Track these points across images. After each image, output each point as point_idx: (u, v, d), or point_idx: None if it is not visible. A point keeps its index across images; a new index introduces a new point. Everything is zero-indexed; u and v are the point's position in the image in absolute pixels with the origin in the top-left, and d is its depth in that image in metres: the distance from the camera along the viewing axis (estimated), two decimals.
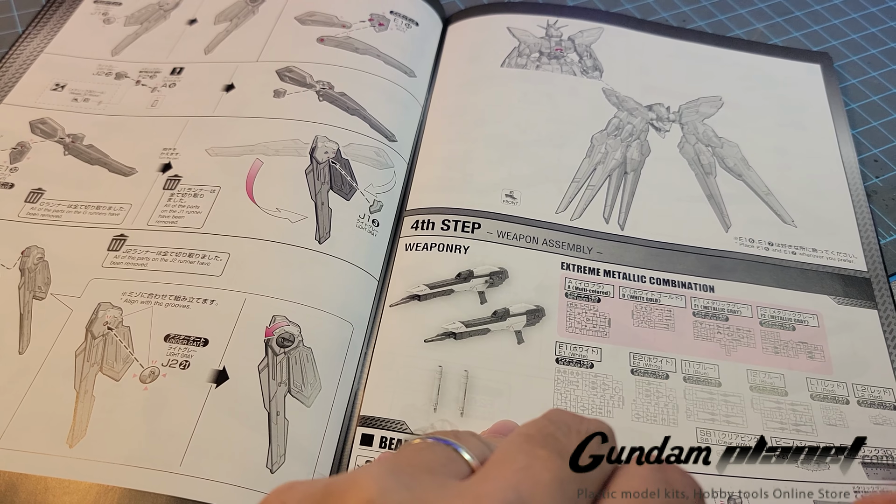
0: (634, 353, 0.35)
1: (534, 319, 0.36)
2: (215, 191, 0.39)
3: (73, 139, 0.43)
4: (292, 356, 0.33)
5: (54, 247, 0.38)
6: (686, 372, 0.35)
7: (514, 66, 0.48)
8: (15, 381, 0.33)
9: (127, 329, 0.34)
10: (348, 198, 0.39)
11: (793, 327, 0.37)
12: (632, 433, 0.33)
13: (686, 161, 0.44)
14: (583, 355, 0.35)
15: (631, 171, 0.43)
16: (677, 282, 0.38)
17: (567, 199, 0.41)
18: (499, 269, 0.38)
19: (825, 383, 0.35)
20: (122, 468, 0.30)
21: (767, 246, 0.40)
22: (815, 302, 0.38)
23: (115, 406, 0.32)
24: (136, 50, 0.48)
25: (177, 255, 0.36)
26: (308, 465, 0.31)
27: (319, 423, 0.32)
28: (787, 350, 0.36)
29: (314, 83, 0.44)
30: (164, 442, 0.30)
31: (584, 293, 0.37)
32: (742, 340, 0.36)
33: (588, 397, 0.34)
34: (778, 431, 0.33)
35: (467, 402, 0.33)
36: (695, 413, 0.34)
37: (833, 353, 0.36)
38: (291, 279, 0.35)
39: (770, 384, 0.35)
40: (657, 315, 0.37)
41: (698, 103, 0.47)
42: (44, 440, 0.31)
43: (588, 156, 0.43)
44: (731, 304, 0.38)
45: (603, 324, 0.36)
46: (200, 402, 0.31)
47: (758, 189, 0.43)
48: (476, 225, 0.39)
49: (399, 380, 0.34)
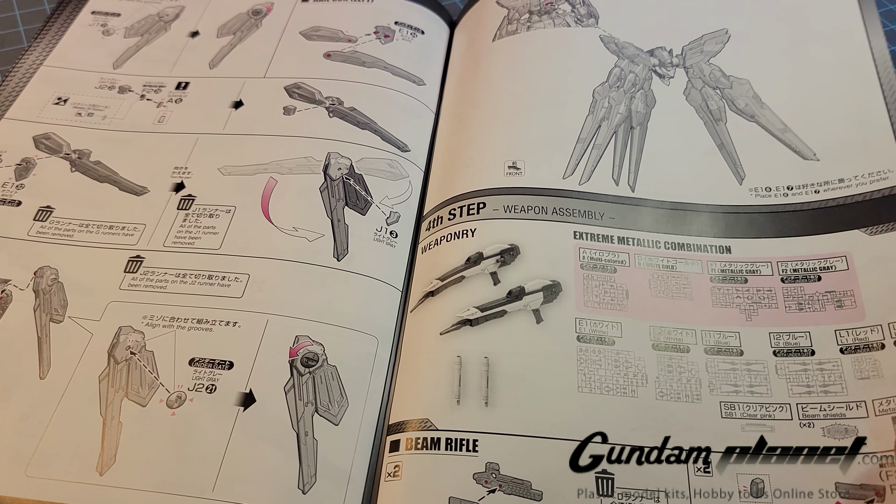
0: (654, 326, 0.34)
1: (551, 296, 0.35)
2: (231, 211, 0.39)
3: (80, 155, 0.42)
4: (317, 375, 0.33)
5: (68, 268, 0.37)
6: (707, 343, 0.34)
7: (505, 35, 0.46)
8: (38, 407, 0.33)
9: (150, 353, 0.34)
10: (364, 212, 0.39)
11: (818, 277, 0.35)
12: (657, 413, 0.32)
13: (693, 109, 0.41)
14: (604, 331, 0.34)
15: (637, 126, 0.41)
16: (692, 245, 0.37)
17: (573, 163, 0.39)
18: (509, 245, 0.36)
19: (856, 332, 0.33)
20: (155, 496, 0.30)
21: (786, 192, 0.38)
22: (842, 242, 0.35)
23: (143, 432, 0.32)
24: (137, 63, 0.47)
25: (196, 278, 0.36)
26: (340, 482, 0.31)
27: (349, 440, 0.32)
28: (812, 304, 0.34)
29: (323, 99, 0.44)
30: (196, 467, 0.31)
31: (599, 263, 0.36)
32: (762, 302, 0.35)
33: (612, 377, 0.33)
34: (805, 396, 0.32)
35: (490, 391, 0.32)
36: (718, 386, 0.32)
37: (865, 294, 0.34)
38: (312, 298, 0.36)
39: (795, 345, 0.33)
40: (674, 283, 0.35)
41: (702, 42, 0.44)
42: (73, 468, 0.31)
43: (591, 112, 0.41)
44: (750, 263, 0.36)
45: (621, 296, 0.35)
46: (229, 426, 0.32)
47: (773, 128, 0.40)
48: (481, 205, 0.38)
49: (419, 379, 0.34)
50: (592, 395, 0.32)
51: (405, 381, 0.34)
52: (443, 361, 0.33)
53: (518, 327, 0.34)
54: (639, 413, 0.32)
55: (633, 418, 0.32)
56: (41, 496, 0.30)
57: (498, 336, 0.34)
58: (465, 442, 0.31)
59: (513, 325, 0.34)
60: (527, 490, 0.30)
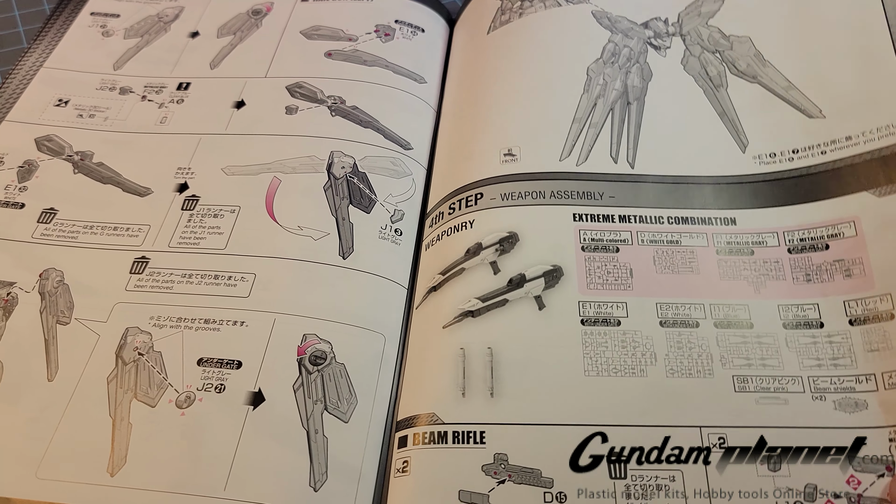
0: (661, 303, 0.34)
1: (552, 281, 0.34)
2: (235, 210, 0.39)
3: (82, 157, 0.42)
4: (326, 373, 0.34)
5: (73, 270, 0.37)
6: (716, 317, 0.33)
7: (499, 26, 0.45)
8: (47, 409, 0.33)
9: (158, 354, 0.34)
10: (368, 211, 0.39)
11: (825, 246, 0.34)
12: (668, 392, 0.31)
13: (692, 78, 0.40)
14: (608, 312, 0.33)
15: (634, 101, 0.40)
16: (696, 218, 0.36)
17: (570, 143, 0.38)
18: (508, 233, 0.35)
19: (865, 302, 0.32)
20: (167, 496, 0.30)
21: (791, 156, 0.37)
22: (851, 206, 0.34)
23: (153, 433, 0.32)
24: (138, 64, 0.47)
25: (202, 278, 0.36)
26: (351, 479, 0.31)
27: (359, 437, 0.32)
28: (820, 274, 0.34)
29: (325, 98, 0.44)
30: (207, 467, 0.31)
31: (600, 244, 0.35)
32: (770, 274, 0.34)
33: (619, 358, 0.32)
34: (815, 369, 0.31)
35: (495, 382, 0.32)
36: (729, 360, 0.32)
37: (875, 261, 0.33)
38: (319, 297, 0.36)
39: (804, 318, 0.33)
40: (680, 258, 0.35)
41: (699, 3, 0.43)
42: (84, 469, 0.31)
43: (586, 91, 0.40)
44: (756, 234, 0.35)
45: (625, 275, 0.34)
46: (239, 426, 0.32)
47: (777, 87, 0.39)
48: (478, 195, 0.37)
49: (425, 374, 0.34)
50: (600, 378, 0.32)
51: (412, 377, 0.34)
52: (447, 355, 0.33)
53: (520, 315, 0.33)
54: (648, 393, 0.31)
55: (643, 398, 0.31)
56: (52, 497, 0.30)
57: (500, 325, 0.33)
58: (473, 434, 0.31)
59: (515, 314, 0.34)
60: (537, 478, 0.30)
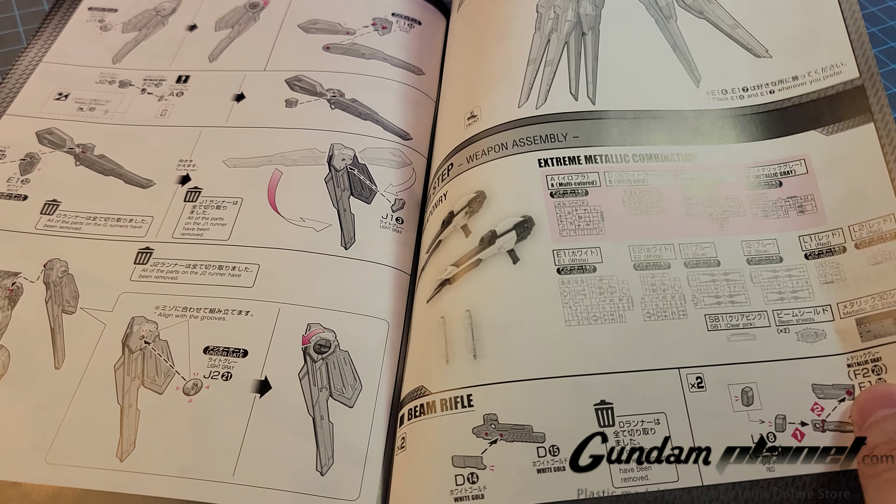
0: (633, 245, 0.33)
1: (524, 232, 0.33)
2: (238, 202, 0.39)
3: (84, 149, 0.42)
4: (330, 361, 0.34)
5: (78, 260, 0.38)
6: (685, 256, 0.33)
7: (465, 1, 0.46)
8: (55, 396, 0.33)
9: (165, 343, 0.34)
10: (369, 201, 0.40)
11: (779, 183, 0.35)
12: (647, 336, 0.31)
13: (643, 6, 0.40)
14: (583, 259, 0.33)
15: (588, 30, 0.39)
16: (659, 155, 0.36)
17: (527, 87, 0.37)
18: (475, 193, 0.35)
19: (818, 237, 0.33)
20: (176, 480, 0.31)
21: (741, 94, 0.37)
22: (800, 144, 0.35)
23: (161, 419, 0.32)
24: (137, 57, 0.48)
25: (206, 268, 0.37)
26: (357, 462, 0.32)
27: (364, 421, 0.33)
28: (776, 211, 0.34)
29: (324, 91, 0.44)
30: (215, 453, 0.31)
31: (569, 188, 0.34)
32: (731, 210, 0.34)
33: (598, 305, 0.32)
34: (778, 303, 0.32)
35: (477, 343, 0.31)
36: (701, 299, 0.32)
37: (825, 197, 0.34)
38: (322, 287, 0.36)
39: (765, 253, 0.33)
40: (647, 198, 0.35)
41: None
42: (93, 454, 0.31)
43: (538, 29, 0.39)
44: (715, 170, 0.35)
45: (596, 219, 0.34)
46: (246, 412, 0.32)
47: (723, 24, 0.39)
48: (449, 167, 0.37)
49: (414, 352, 0.34)
50: (581, 327, 0.31)
51: (409, 359, 0.35)
52: (431, 328, 0.33)
53: (496, 273, 0.33)
54: (628, 338, 0.31)
55: (623, 344, 0.31)
56: (63, 482, 0.31)
57: (476, 287, 0.33)
58: (460, 399, 0.31)
59: (490, 273, 0.33)
60: (528, 434, 0.30)
